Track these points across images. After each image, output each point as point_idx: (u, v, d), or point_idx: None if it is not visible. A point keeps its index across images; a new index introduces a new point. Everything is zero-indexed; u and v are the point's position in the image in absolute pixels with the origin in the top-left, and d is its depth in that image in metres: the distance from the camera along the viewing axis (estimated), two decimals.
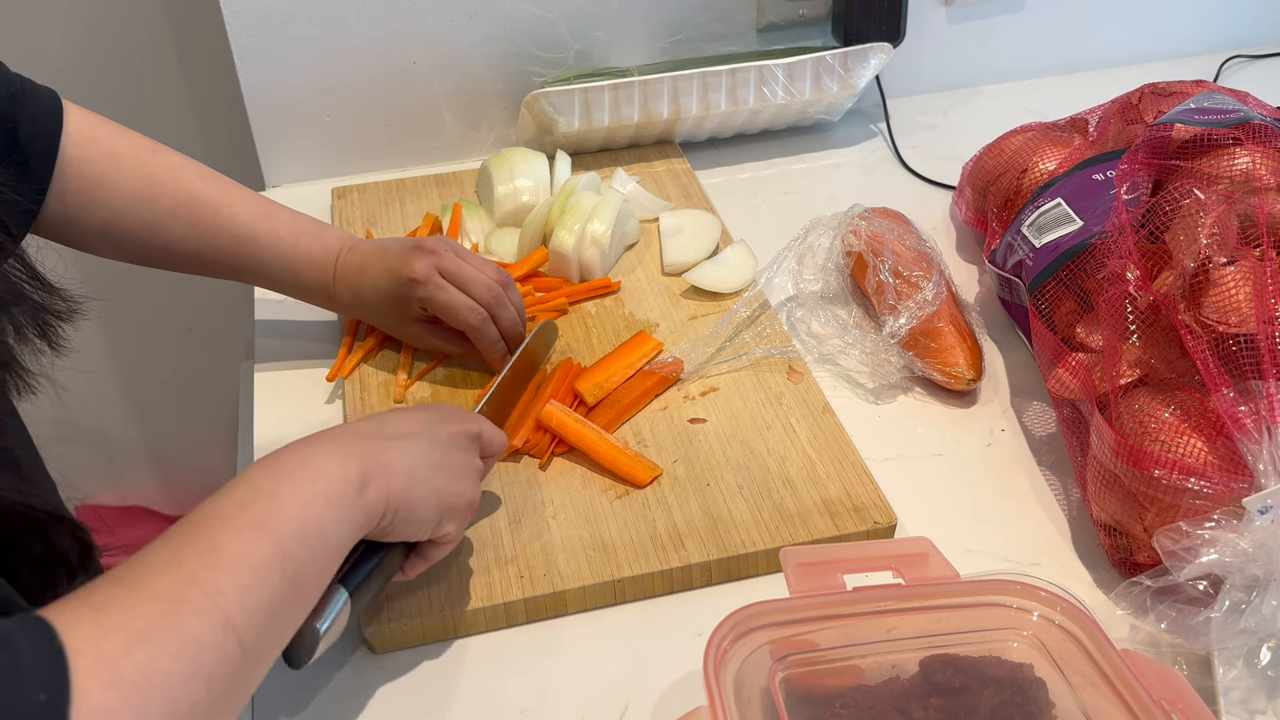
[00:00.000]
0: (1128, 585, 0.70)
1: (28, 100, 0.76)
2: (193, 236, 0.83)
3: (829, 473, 0.80)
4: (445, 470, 0.65)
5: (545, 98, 1.09)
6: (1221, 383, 0.67)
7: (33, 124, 0.76)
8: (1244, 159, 0.79)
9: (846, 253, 0.95)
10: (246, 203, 0.85)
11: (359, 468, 0.59)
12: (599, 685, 0.69)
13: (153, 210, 0.81)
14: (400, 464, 0.62)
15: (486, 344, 0.86)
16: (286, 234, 0.85)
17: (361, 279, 0.86)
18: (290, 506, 0.54)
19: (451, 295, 0.84)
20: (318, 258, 0.86)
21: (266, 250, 0.85)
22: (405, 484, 0.61)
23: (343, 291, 0.87)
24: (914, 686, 0.61)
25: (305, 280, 0.87)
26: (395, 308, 0.86)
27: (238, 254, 0.84)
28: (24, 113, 0.75)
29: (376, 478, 0.59)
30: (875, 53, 1.15)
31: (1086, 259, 0.82)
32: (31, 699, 0.41)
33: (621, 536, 0.76)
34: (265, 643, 0.52)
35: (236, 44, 1.08)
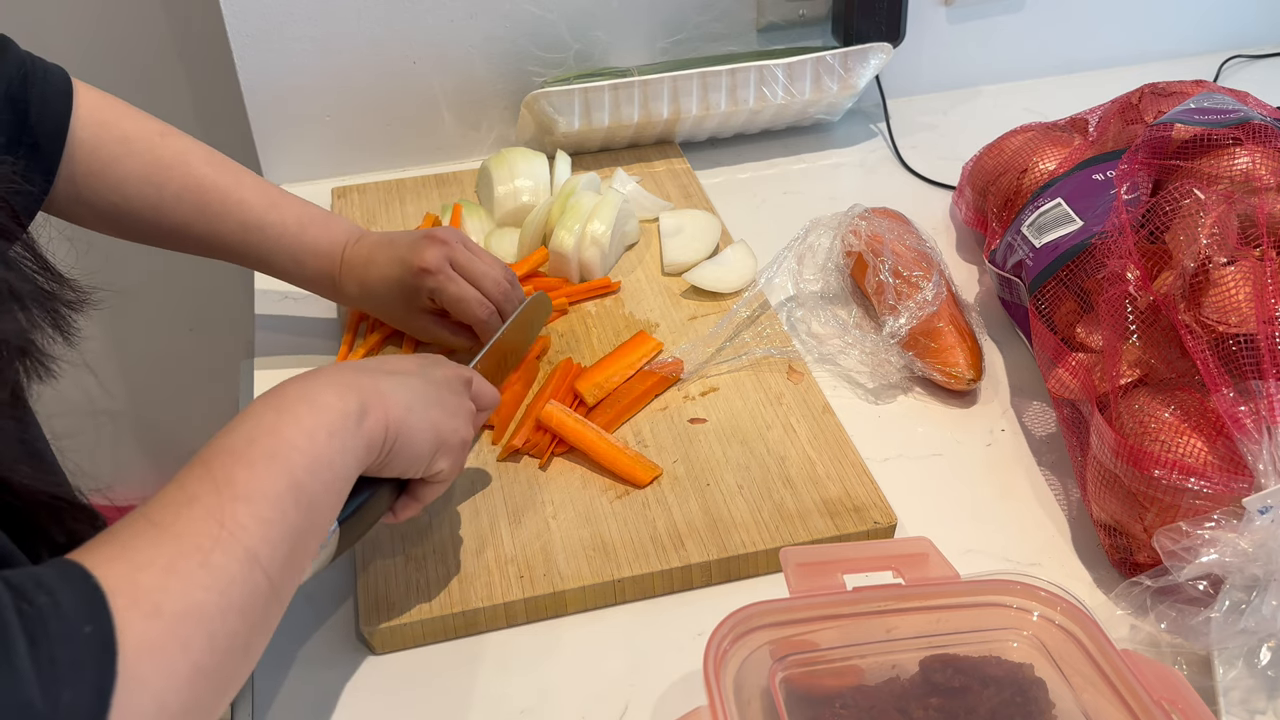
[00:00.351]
0: (1128, 585, 0.70)
1: (38, 80, 0.76)
2: (199, 221, 0.83)
3: (829, 473, 0.80)
4: (440, 406, 0.65)
5: (545, 97, 1.09)
6: (1221, 383, 0.67)
7: (43, 105, 0.76)
8: (1244, 159, 0.79)
9: (846, 253, 0.95)
10: (254, 190, 0.84)
11: (358, 399, 0.59)
12: (599, 685, 0.69)
13: (160, 194, 0.81)
14: (397, 395, 0.62)
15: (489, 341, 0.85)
16: (293, 223, 0.85)
17: (368, 270, 0.86)
18: (296, 439, 0.55)
19: (462, 288, 0.84)
20: (323, 248, 0.86)
21: (272, 239, 0.84)
22: (403, 415, 0.62)
23: (349, 283, 0.86)
24: (914, 686, 0.61)
25: (310, 270, 0.86)
26: (403, 298, 0.86)
27: (243, 241, 0.84)
28: (35, 94, 0.75)
29: (375, 408, 0.60)
30: (875, 53, 1.15)
31: (1086, 259, 0.82)
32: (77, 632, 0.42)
33: (621, 536, 0.76)
34: (287, 574, 0.53)
35: (236, 44, 1.08)
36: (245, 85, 1.11)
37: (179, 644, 0.45)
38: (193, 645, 0.46)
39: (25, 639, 0.41)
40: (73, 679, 0.41)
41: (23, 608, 0.42)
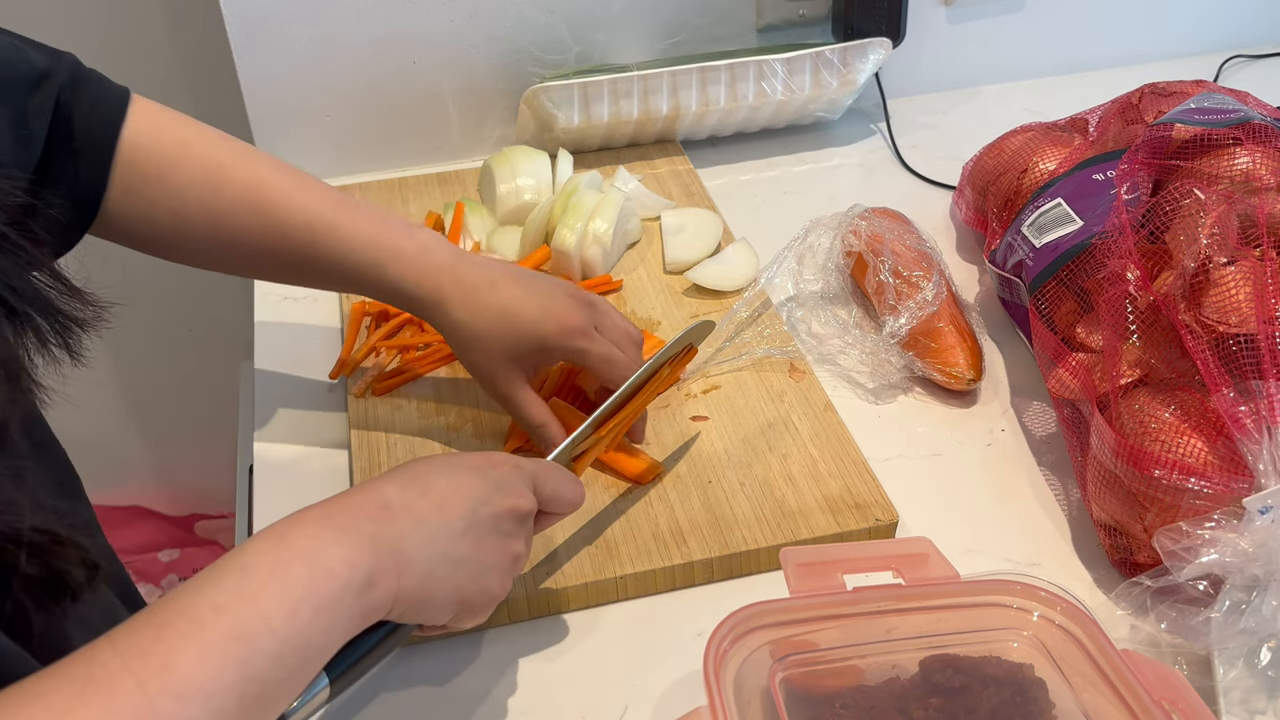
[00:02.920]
0: (1128, 585, 0.71)
1: (90, 88, 0.73)
2: (261, 225, 0.75)
3: (830, 470, 0.80)
4: (472, 564, 0.58)
5: (544, 92, 1.09)
6: (1221, 383, 0.67)
7: (92, 109, 0.72)
8: (1244, 159, 0.79)
9: (846, 253, 0.95)
10: (321, 190, 0.77)
11: (369, 564, 0.53)
12: (599, 685, 0.69)
13: (219, 197, 0.75)
14: (419, 557, 0.56)
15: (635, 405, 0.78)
16: (368, 225, 0.76)
17: (487, 297, 0.76)
18: (274, 615, 0.48)
19: (611, 350, 0.77)
20: (408, 251, 0.76)
21: (342, 241, 0.75)
22: (420, 582, 0.55)
23: (453, 300, 0.76)
24: (914, 686, 0.61)
25: (391, 276, 0.76)
26: (519, 348, 0.76)
27: (311, 244, 0.75)
28: (83, 98, 0.72)
29: (387, 575, 0.53)
30: (874, 48, 1.15)
31: (1086, 259, 0.82)
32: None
33: (623, 533, 0.76)
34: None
35: (236, 44, 1.08)
36: (245, 85, 1.11)
37: None
38: None
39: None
40: None
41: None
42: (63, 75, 0.72)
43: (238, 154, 0.76)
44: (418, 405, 0.87)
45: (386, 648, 0.58)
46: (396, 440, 0.84)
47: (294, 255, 0.76)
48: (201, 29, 1.27)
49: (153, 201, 0.74)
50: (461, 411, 0.86)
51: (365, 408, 0.87)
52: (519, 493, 0.62)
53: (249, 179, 0.75)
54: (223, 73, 1.13)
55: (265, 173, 0.76)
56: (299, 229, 0.76)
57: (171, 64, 1.31)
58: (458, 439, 0.84)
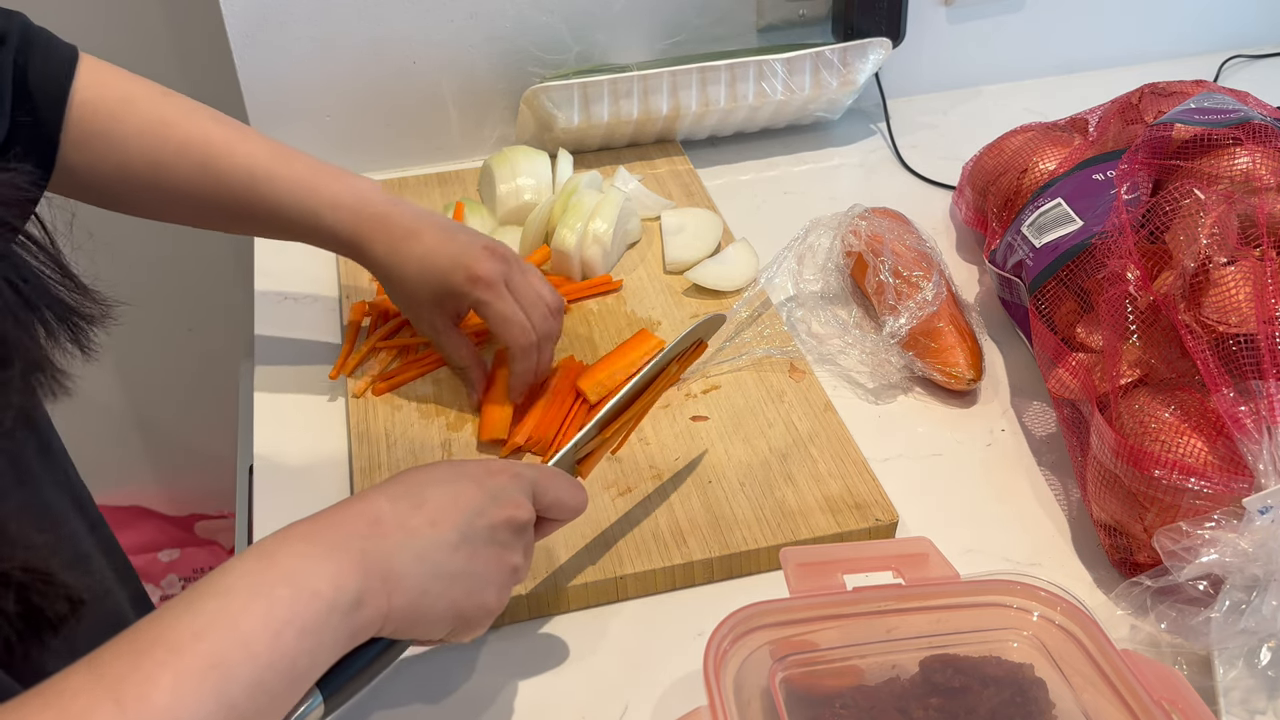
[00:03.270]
0: (1128, 585, 0.71)
1: (40, 49, 0.74)
2: (203, 177, 0.78)
3: (830, 470, 0.80)
4: (467, 579, 0.57)
5: (544, 92, 1.09)
6: (1221, 383, 0.67)
7: (43, 69, 0.73)
8: (1244, 159, 0.79)
9: (846, 253, 0.95)
10: (262, 143, 0.80)
11: (358, 583, 0.51)
12: (599, 685, 0.69)
13: (163, 148, 0.77)
14: (411, 574, 0.54)
15: (520, 369, 0.81)
16: (306, 174, 0.80)
17: (409, 243, 0.80)
18: (256, 639, 0.47)
19: (511, 308, 0.80)
20: (345, 201, 0.80)
21: (282, 191, 0.79)
22: (412, 600, 0.54)
23: (377, 244, 0.80)
24: (914, 686, 0.61)
25: (328, 224, 0.80)
26: (430, 291, 0.81)
27: (251, 193, 0.79)
28: (35, 59, 0.73)
29: (377, 595, 0.52)
30: (874, 48, 1.15)
31: (1086, 259, 0.82)
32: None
33: (623, 533, 0.76)
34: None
35: (236, 44, 1.08)
36: (245, 85, 1.11)
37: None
38: None
39: None
40: None
41: None
42: (15, 37, 0.73)
43: (181, 109, 0.79)
44: (418, 405, 0.87)
45: (382, 664, 0.56)
46: (396, 440, 0.84)
47: (235, 205, 0.80)
48: (201, 29, 1.27)
49: (99, 155, 0.76)
50: (461, 411, 0.86)
51: (365, 408, 0.87)
52: (516, 502, 0.61)
53: (192, 132, 0.78)
54: (223, 73, 1.13)
55: (208, 126, 0.79)
56: (241, 180, 0.79)
57: (171, 64, 1.31)
58: (458, 439, 0.84)
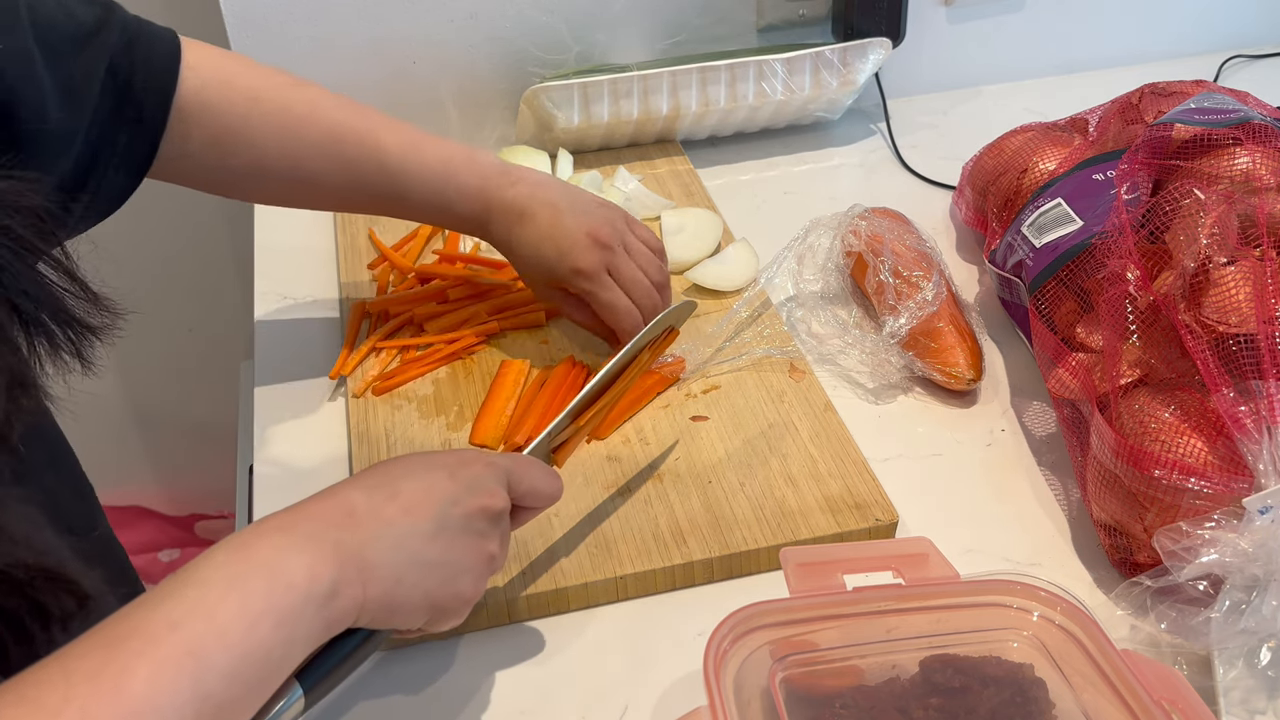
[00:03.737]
0: (1128, 585, 0.71)
1: (142, 47, 0.73)
2: (337, 170, 0.81)
3: (830, 470, 0.80)
4: (443, 568, 0.57)
5: (544, 92, 1.09)
6: (1221, 383, 0.67)
7: (147, 70, 0.73)
8: (1244, 159, 0.79)
9: (846, 253, 0.95)
10: (392, 133, 0.82)
11: (333, 573, 0.51)
12: (599, 685, 0.69)
13: (298, 145, 0.79)
14: (386, 564, 0.54)
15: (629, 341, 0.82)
16: (436, 163, 0.82)
17: (523, 228, 0.83)
18: (231, 629, 0.47)
19: (615, 296, 0.83)
20: (472, 189, 0.83)
21: (415, 183, 0.82)
22: (387, 590, 0.54)
23: (498, 229, 0.84)
24: (914, 686, 0.61)
25: (460, 211, 0.84)
26: (544, 273, 0.85)
27: (386, 186, 0.82)
28: (138, 59, 0.73)
29: (352, 584, 0.52)
30: (874, 48, 1.15)
31: (1086, 259, 0.82)
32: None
33: (623, 533, 0.76)
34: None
35: (236, 44, 1.08)
36: None
37: None
38: None
39: None
40: None
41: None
42: (114, 33, 0.72)
43: (309, 101, 0.81)
44: (418, 405, 0.87)
45: (361, 655, 0.57)
46: (396, 440, 0.84)
47: (370, 194, 0.83)
48: (202, 29, 1.27)
49: (231, 152, 0.78)
50: (461, 411, 0.86)
51: (365, 408, 0.87)
52: (491, 491, 0.61)
53: (324, 125, 0.80)
54: None
55: (339, 117, 0.81)
56: (373, 176, 0.82)
57: None
58: (458, 439, 0.84)
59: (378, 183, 0.82)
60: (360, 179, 0.82)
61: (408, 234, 1.05)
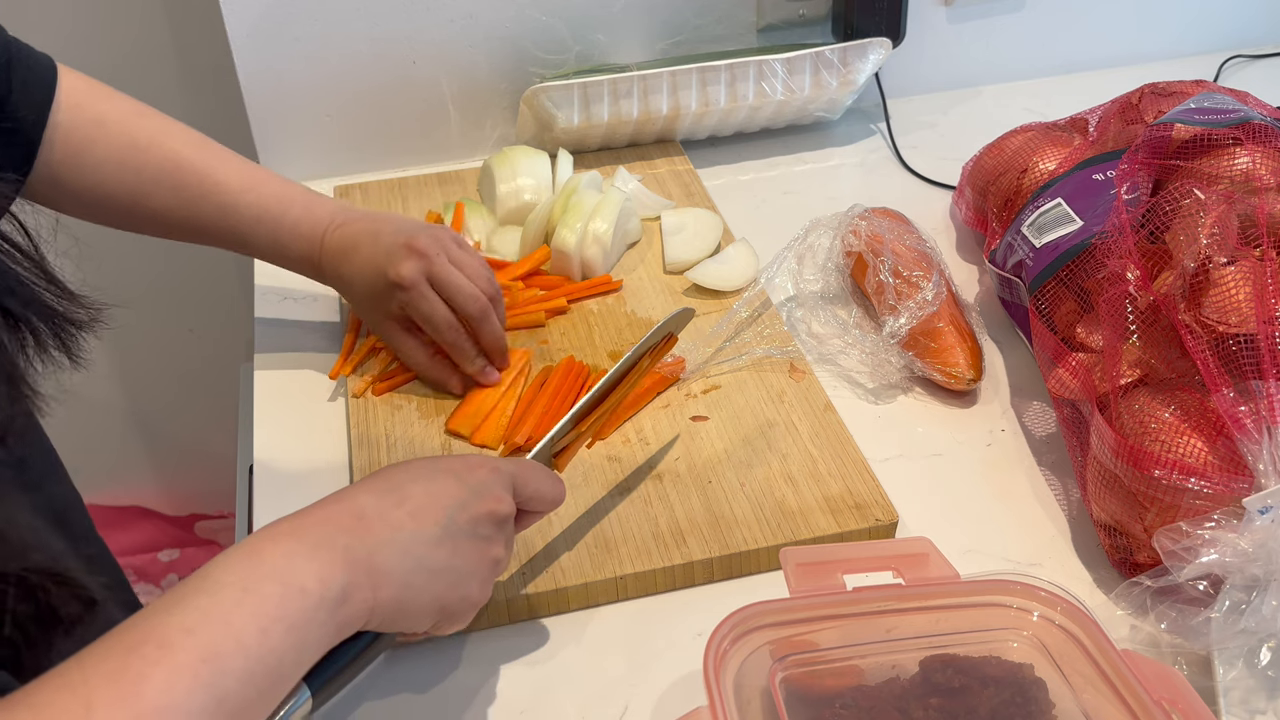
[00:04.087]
0: (1128, 585, 0.70)
1: (20, 68, 0.75)
2: (176, 205, 0.81)
3: (830, 470, 0.80)
4: (450, 572, 0.58)
5: (544, 92, 1.09)
6: (1221, 383, 0.67)
7: (24, 91, 0.74)
8: (1244, 159, 0.79)
9: (846, 253, 0.95)
10: (233, 171, 0.82)
11: (343, 578, 0.52)
12: (599, 685, 0.69)
13: (138, 177, 0.80)
14: (395, 569, 0.55)
15: (461, 359, 0.84)
16: (274, 204, 0.83)
17: (348, 260, 0.83)
18: (246, 634, 0.47)
19: (433, 306, 0.82)
20: (305, 231, 0.83)
21: (250, 222, 0.82)
22: (396, 594, 0.55)
23: (329, 268, 0.84)
24: (914, 686, 0.61)
25: (291, 253, 0.84)
26: (374, 301, 0.84)
27: (222, 224, 0.82)
28: (17, 78, 0.74)
29: (362, 589, 0.53)
30: (874, 48, 1.15)
31: (1086, 259, 0.82)
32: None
33: (623, 533, 0.76)
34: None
35: (236, 44, 1.08)
36: (245, 85, 1.11)
37: None
38: None
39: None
40: None
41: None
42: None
43: (154, 133, 0.81)
44: (418, 405, 0.87)
45: (368, 657, 0.57)
46: (396, 440, 0.84)
47: (209, 231, 0.83)
48: (201, 29, 1.27)
49: (77, 176, 0.78)
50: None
51: (365, 408, 0.87)
52: (497, 496, 0.62)
53: (165, 160, 0.80)
54: (223, 73, 1.13)
55: (182, 154, 0.81)
56: (212, 212, 0.82)
57: (172, 64, 1.31)
58: (457, 439, 0.84)
59: (214, 217, 0.82)
60: (197, 214, 0.81)
61: None
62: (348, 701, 0.68)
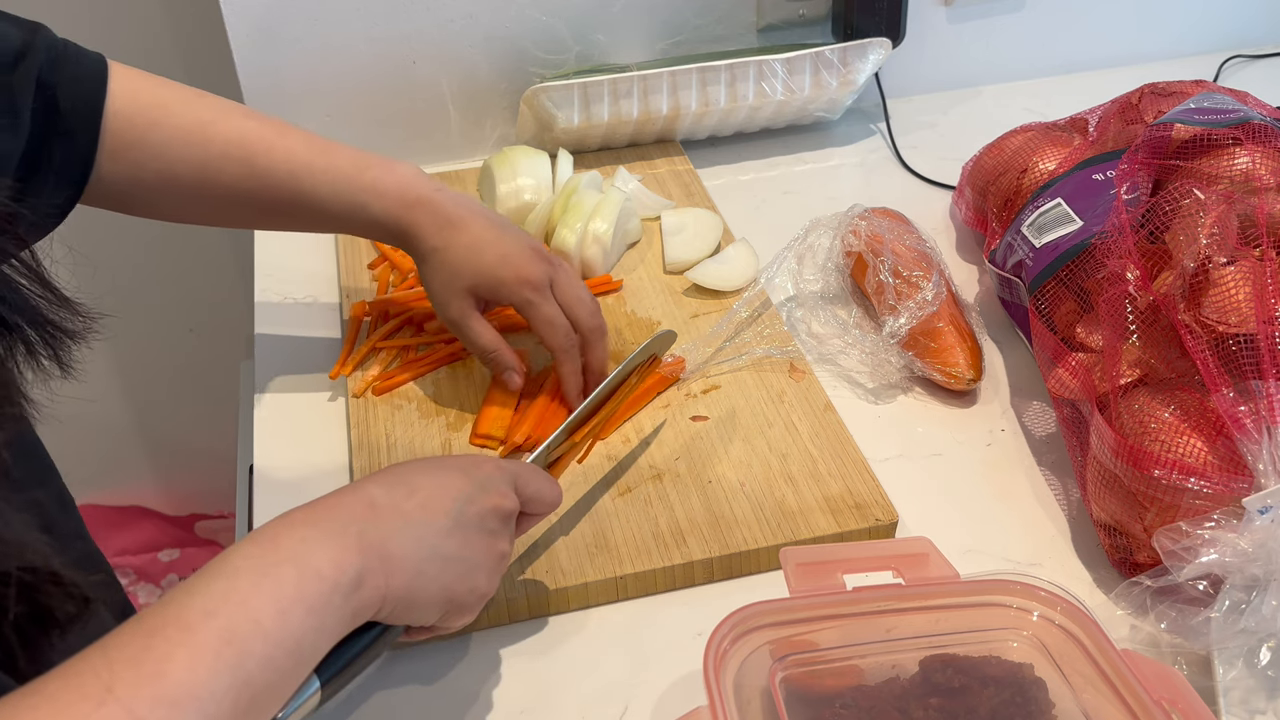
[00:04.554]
0: (1128, 585, 0.71)
1: (69, 63, 0.73)
2: (246, 176, 0.78)
3: (830, 470, 0.80)
4: (460, 563, 0.59)
5: (544, 92, 1.09)
6: (1221, 383, 0.67)
7: (74, 86, 0.73)
8: (1244, 159, 0.79)
9: (846, 253, 0.95)
10: (302, 138, 0.80)
11: (358, 563, 0.53)
12: (599, 685, 0.69)
13: (204, 153, 0.77)
14: (408, 557, 0.56)
15: (565, 371, 0.82)
16: (348, 165, 0.80)
17: (455, 231, 0.80)
18: (265, 617, 0.48)
19: (556, 312, 0.81)
20: (389, 189, 0.80)
21: (325, 184, 0.79)
22: (408, 581, 0.56)
23: (426, 231, 0.80)
24: (914, 686, 0.61)
25: (375, 214, 0.80)
26: (475, 284, 0.80)
27: (295, 192, 0.79)
28: (64, 76, 0.73)
29: (375, 575, 0.54)
30: (874, 48, 1.15)
31: (1086, 259, 0.82)
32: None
33: (623, 533, 0.76)
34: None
35: (236, 44, 1.08)
36: (245, 85, 1.11)
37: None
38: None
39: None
40: None
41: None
42: (40, 52, 0.72)
43: (217, 110, 0.79)
44: (418, 405, 0.87)
45: (376, 650, 0.58)
46: (396, 440, 0.84)
47: (281, 202, 0.80)
48: (201, 29, 1.27)
49: (138, 163, 0.76)
50: (461, 411, 0.86)
51: (365, 408, 0.87)
52: (503, 492, 0.63)
53: (232, 133, 0.78)
54: (223, 73, 1.13)
55: (246, 125, 0.79)
56: (284, 177, 0.79)
57: (172, 64, 1.31)
58: (458, 439, 0.84)
59: (286, 186, 0.79)
60: (269, 184, 0.79)
61: None
62: (349, 700, 0.68)
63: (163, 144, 0.77)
